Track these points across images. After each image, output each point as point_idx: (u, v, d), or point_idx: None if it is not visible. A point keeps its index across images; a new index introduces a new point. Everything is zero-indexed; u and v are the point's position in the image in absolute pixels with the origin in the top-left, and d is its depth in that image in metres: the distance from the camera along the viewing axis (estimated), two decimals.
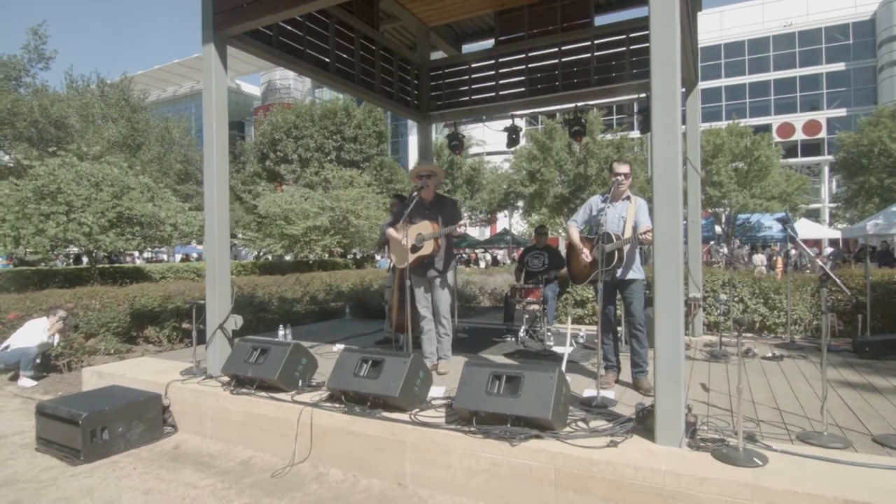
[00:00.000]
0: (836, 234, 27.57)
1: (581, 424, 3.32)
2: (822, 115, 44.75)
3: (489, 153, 37.24)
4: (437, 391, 4.04)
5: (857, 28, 44.54)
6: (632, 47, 6.90)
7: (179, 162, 28.19)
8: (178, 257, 39.11)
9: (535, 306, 6.26)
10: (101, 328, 7.60)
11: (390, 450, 3.48)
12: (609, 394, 4.04)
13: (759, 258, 19.24)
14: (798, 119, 45.57)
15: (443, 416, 3.58)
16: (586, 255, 4.45)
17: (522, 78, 7.62)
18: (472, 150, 33.89)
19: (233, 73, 66.47)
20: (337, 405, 3.82)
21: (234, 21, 4.95)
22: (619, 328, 5.21)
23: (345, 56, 6.75)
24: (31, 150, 15.98)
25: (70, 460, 3.97)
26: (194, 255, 42.45)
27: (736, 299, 6.76)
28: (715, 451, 2.87)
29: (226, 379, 4.56)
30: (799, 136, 45.24)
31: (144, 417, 4.36)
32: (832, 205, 39.68)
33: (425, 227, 4.62)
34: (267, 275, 14.56)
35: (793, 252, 24.17)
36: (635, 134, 30.46)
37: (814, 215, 38.59)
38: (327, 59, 6.47)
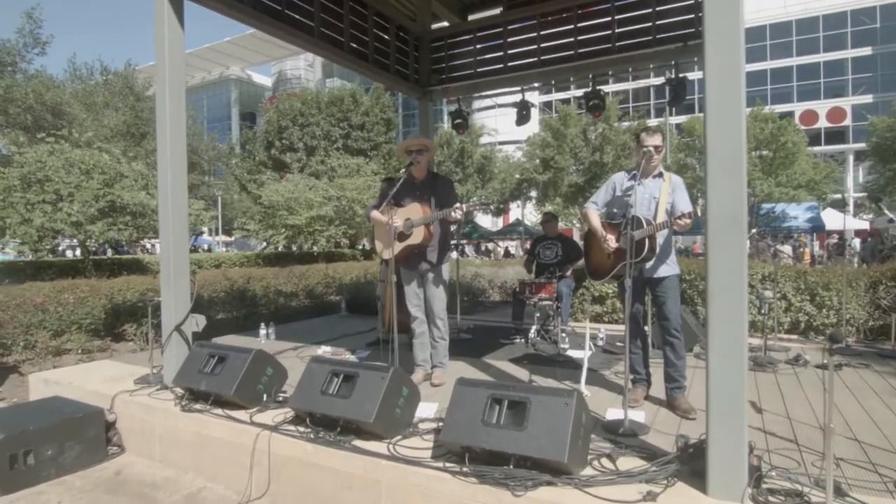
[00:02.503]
0: (864, 225, 26.35)
1: (606, 463, 2.56)
2: (846, 102, 43.09)
3: (501, 142, 36.32)
4: (427, 410, 3.30)
5: (884, 11, 42.63)
6: (658, 8, 6.05)
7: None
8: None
9: (548, 303, 5.49)
10: (73, 325, 6.97)
11: (362, 489, 2.75)
12: (639, 416, 3.27)
13: (786, 249, 18.18)
14: (822, 106, 43.93)
15: (430, 445, 2.84)
16: (611, 244, 3.58)
17: (534, 46, 6.80)
18: (484, 140, 33.01)
19: (243, 64, 66.23)
20: (301, 429, 3.10)
21: None
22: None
23: (332, 20, 5.98)
24: (19, 136, 15.42)
25: None
26: (204, 246, 42.18)
27: (777, 295, 5.92)
28: None
29: (180, 391, 3.85)
30: (822, 123, 43.62)
31: (83, 437, 3.67)
32: (858, 194, 38.20)
33: (415, 210, 3.85)
34: (270, 266, 13.96)
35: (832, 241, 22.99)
36: (652, 122, 29.37)
37: (839, 205, 37.16)
38: (311, 23, 5.71)
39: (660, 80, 6.41)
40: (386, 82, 7.14)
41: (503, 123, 42.05)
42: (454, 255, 5.69)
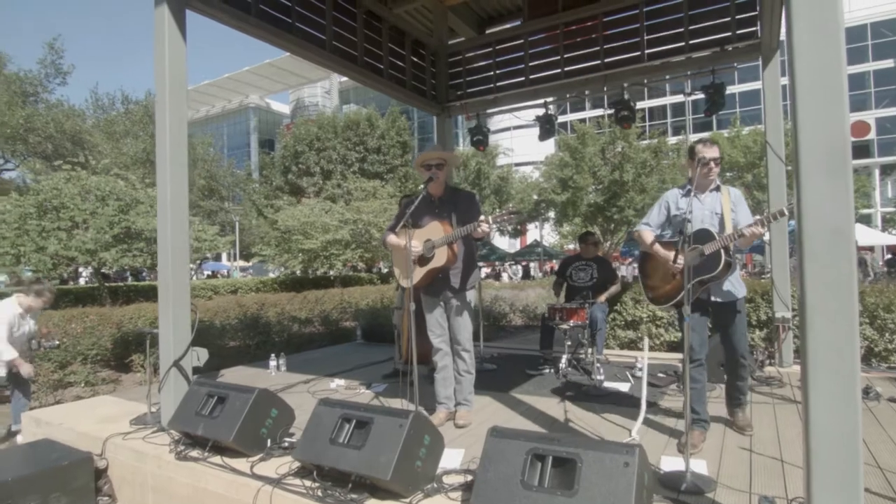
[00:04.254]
0: (893, 240, 25.42)
1: None
2: (870, 115, 42.20)
3: (518, 164, 36.02)
4: (452, 459, 2.86)
5: None
6: (691, 13, 5.68)
7: (203, 178, 27.96)
8: (207, 274, 38.98)
9: (581, 331, 5.03)
10: (79, 356, 6.67)
11: None
12: (700, 465, 2.78)
13: None
14: None
15: None
16: (677, 263, 3.03)
17: (557, 58, 6.47)
18: (500, 161, 32.76)
19: (262, 92, 67.47)
20: (308, 483, 2.67)
21: None
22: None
23: (344, 34, 5.71)
24: (36, 163, 15.50)
25: None
26: (223, 271, 42.21)
27: None
28: None
29: (177, 435, 3.46)
30: None
31: (70, 487, 3.29)
32: (887, 209, 37.06)
33: (435, 229, 3.45)
34: (289, 291, 13.67)
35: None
36: (671, 140, 28.85)
37: (865, 221, 36.03)
38: (322, 36, 5.44)
39: (678, 98, 6.02)
40: (402, 98, 6.84)
41: (519, 144, 42.04)
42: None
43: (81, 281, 24.32)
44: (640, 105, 6.90)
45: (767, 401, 4.03)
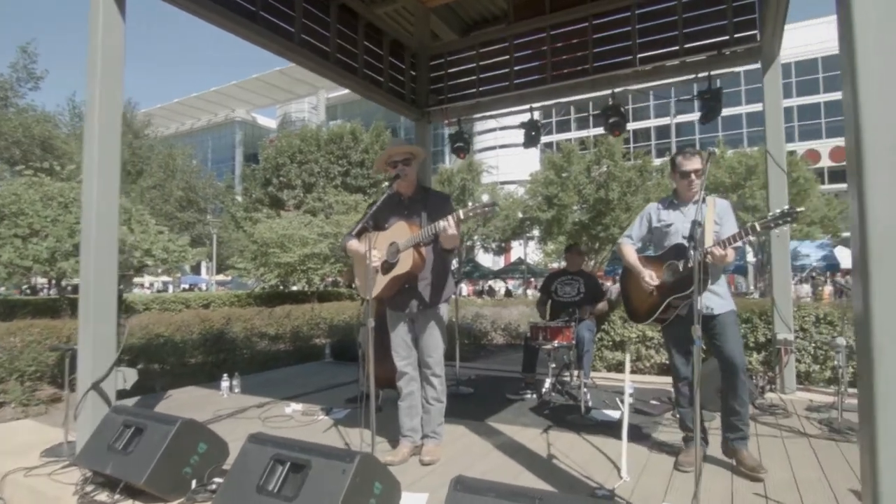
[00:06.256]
0: None
1: None
2: None
3: (503, 182, 35.79)
4: None
5: None
6: (685, 15, 5.37)
7: (181, 189, 27.26)
8: (184, 287, 37.83)
9: (566, 351, 4.57)
10: (13, 374, 6.02)
11: None
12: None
13: (804, 289, 17.27)
14: (824, 145, 43.84)
15: None
16: (650, 279, 2.96)
17: (543, 61, 6.12)
18: (485, 179, 32.49)
19: (248, 107, 66.97)
20: None
21: None
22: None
23: (315, 27, 5.29)
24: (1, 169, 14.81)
25: None
26: (201, 285, 41.05)
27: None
28: None
29: (88, 472, 2.91)
30: (826, 162, 43.37)
31: None
32: None
33: (400, 230, 2.98)
34: (261, 306, 13.06)
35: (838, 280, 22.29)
36: (656, 162, 28.81)
37: (846, 244, 36.38)
38: (291, 28, 5.01)
39: (664, 120, 5.69)
40: (379, 100, 6.41)
41: (504, 163, 41.95)
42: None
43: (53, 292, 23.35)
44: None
45: (775, 433, 3.59)
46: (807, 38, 44.07)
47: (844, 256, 23.23)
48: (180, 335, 7.81)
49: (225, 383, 4.96)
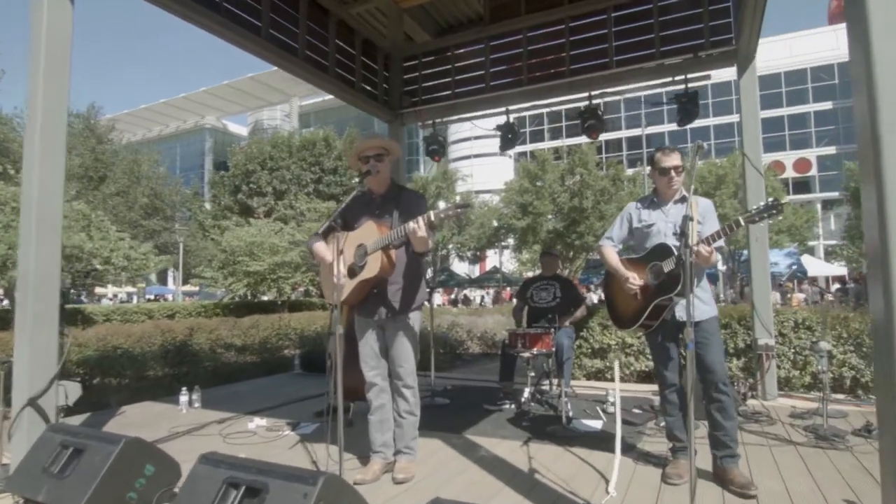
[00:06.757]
0: (842, 271, 26.30)
1: None
2: (811, 153, 44.50)
3: (478, 191, 35.85)
4: None
5: (841, 68, 44.63)
6: (661, 18, 5.32)
7: (146, 196, 26.42)
8: (149, 297, 36.55)
9: (546, 359, 4.41)
10: None
11: None
12: None
13: (774, 296, 17.55)
14: (788, 157, 45.22)
15: None
16: (633, 281, 2.82)
17: (519, 64, 6.01)
18: (460, 187, 32.47)
19: (219, 114, 65.77)
20: None
21: None
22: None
23: (283, 22, 5.07)
24: None
25: None
26: (168, 295, 39.74)
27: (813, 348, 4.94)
28: None
29: (21, 499, 2.60)
30: (790, 173, 44.69)
31: None
32: (829, 242, 38.63)
33: (369, 231, 2.77)
34: (233, 316, 12.60)
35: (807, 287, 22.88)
36: (628, 172, 29.17)
37: (809, 252, 37.48)
38: (257, 22, 4.78)
39: (636, 131, 5.66)
40: (351, 100, 6.21)
41: (479, 172, 42.06)
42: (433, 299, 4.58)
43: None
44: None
45: (762, 442, 3.47)
46: (770, 54, 45.49)
47: (810, 264, 23.88)
48: (140, 347, 7.41)
49: (184, 397, 4.64)
